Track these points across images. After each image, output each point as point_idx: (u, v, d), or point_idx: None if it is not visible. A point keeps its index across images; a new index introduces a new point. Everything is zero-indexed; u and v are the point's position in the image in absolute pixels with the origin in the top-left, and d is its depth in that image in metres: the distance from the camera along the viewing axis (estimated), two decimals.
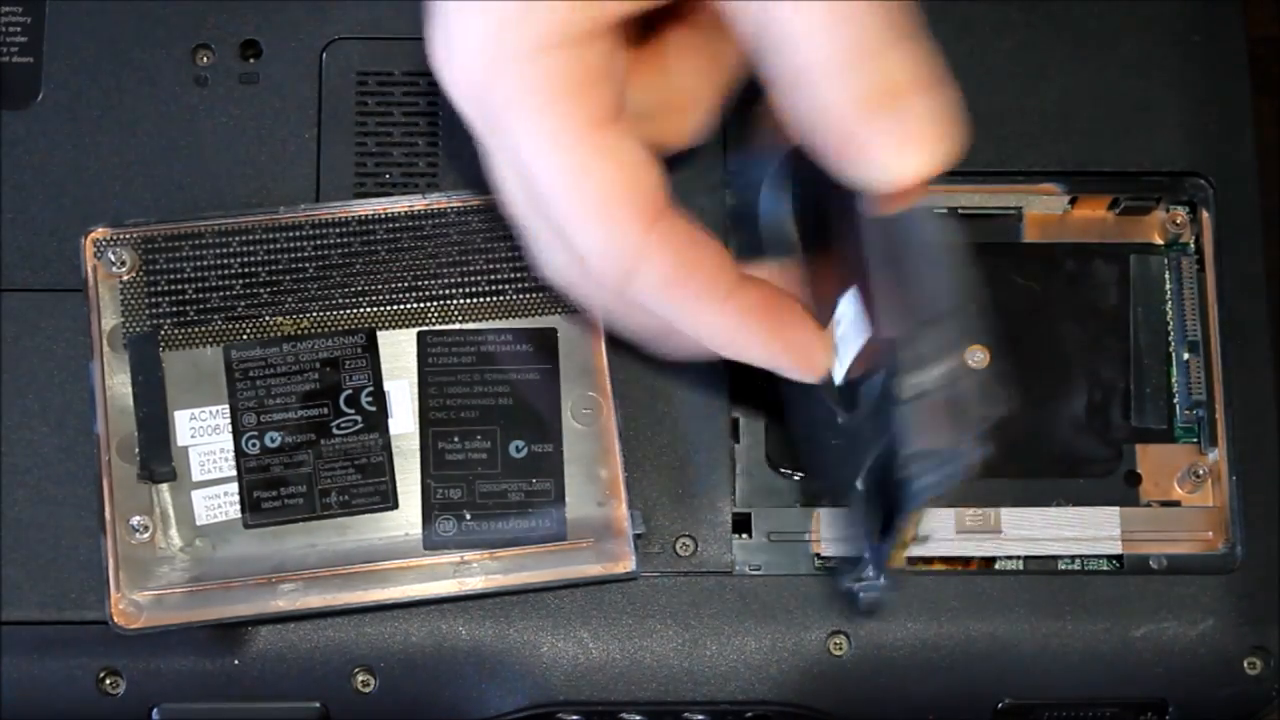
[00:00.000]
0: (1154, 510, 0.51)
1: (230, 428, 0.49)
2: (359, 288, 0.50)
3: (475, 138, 0.42)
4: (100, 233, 0.50)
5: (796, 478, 0.52)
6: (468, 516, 0.49)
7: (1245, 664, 0.50)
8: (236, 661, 0.49)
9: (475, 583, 0.49)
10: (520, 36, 0.38)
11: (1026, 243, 0.53)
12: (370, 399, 0.50)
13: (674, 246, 0.40)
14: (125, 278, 0.50)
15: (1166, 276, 0.53)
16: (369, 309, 0.50)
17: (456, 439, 0.50)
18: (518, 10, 0.38)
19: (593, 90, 0.39)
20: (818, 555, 0.50)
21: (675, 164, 0.43)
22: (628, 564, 0.49)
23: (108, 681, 0.50)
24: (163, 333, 0.50)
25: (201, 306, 0.50)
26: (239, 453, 0.49)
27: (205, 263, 0.50)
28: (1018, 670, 0.50)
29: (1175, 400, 0.52)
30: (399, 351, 0.50)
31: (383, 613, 0.50)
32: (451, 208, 0.51)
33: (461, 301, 0.50)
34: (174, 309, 0.50)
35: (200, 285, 0.50)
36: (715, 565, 0.50)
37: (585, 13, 0.38)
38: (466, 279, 0.50)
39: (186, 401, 0.50)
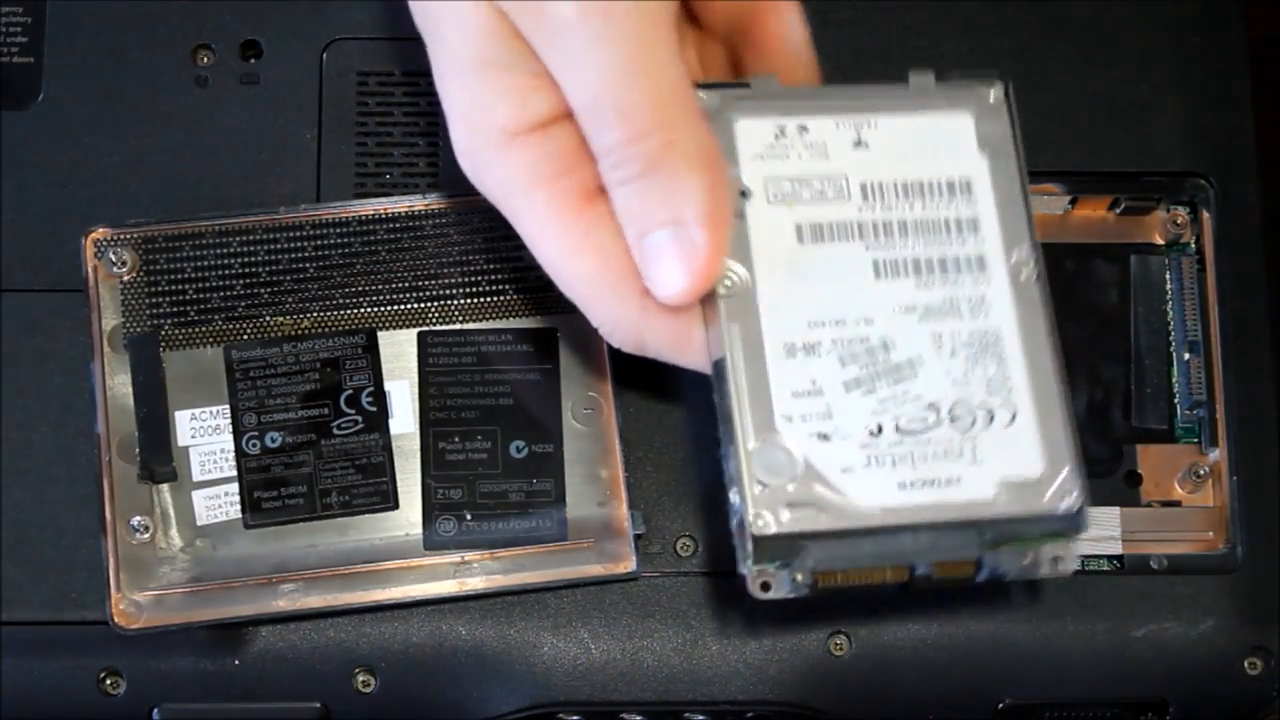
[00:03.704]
0: (1154, 510, 0.51)
1: (231, 428, 0.49)
2: (359, 288, 0.50)
3: None
4: (100, 233, 0.50)
5: None
6: (468, 517, 0.49)
7: (1245, 664, 0.50)
8: (237, 661, 0.49)
9: (476, 583, 0.49)
10: (488, 128, 0.41)
11: None
12: (371, 399, 0.50)
13: (670, 328, 0.42)
14: (126, 278, 0.50)
15: (1167, 276, 0.53)
16: (369, 309, 0.50)
17: (457, 439, 0.50)
18: (481, 105, 0.41)
19: (567, 172, 0.41)
20: None
21: None
22: (628, 564, 0.49)
23: (108, 682, 0.50)
24: (163, 333, 0.50)
25: (202, 306, 0.50)
26: (239, 453, 0.49)
27: (205, 263, 0.50)
28: (1018, 670, 0.50)
29: (1175, 400, 0.52)
30: (399, 351, 0.50)
31: (383, 613, 0.50)
32: (452, 208, 0.51)
33: (462, 301, 0.50)
34: (174, 309, 0.50)
35: (200, 285, 0.50)
36: (715, 565, 0.50)
37: (541, 98, 0.40)
38: (467, 279, 0.50)
39: (187, 401, 0.50)
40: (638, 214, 0.40)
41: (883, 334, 0.41)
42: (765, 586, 0.40)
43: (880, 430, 0.41)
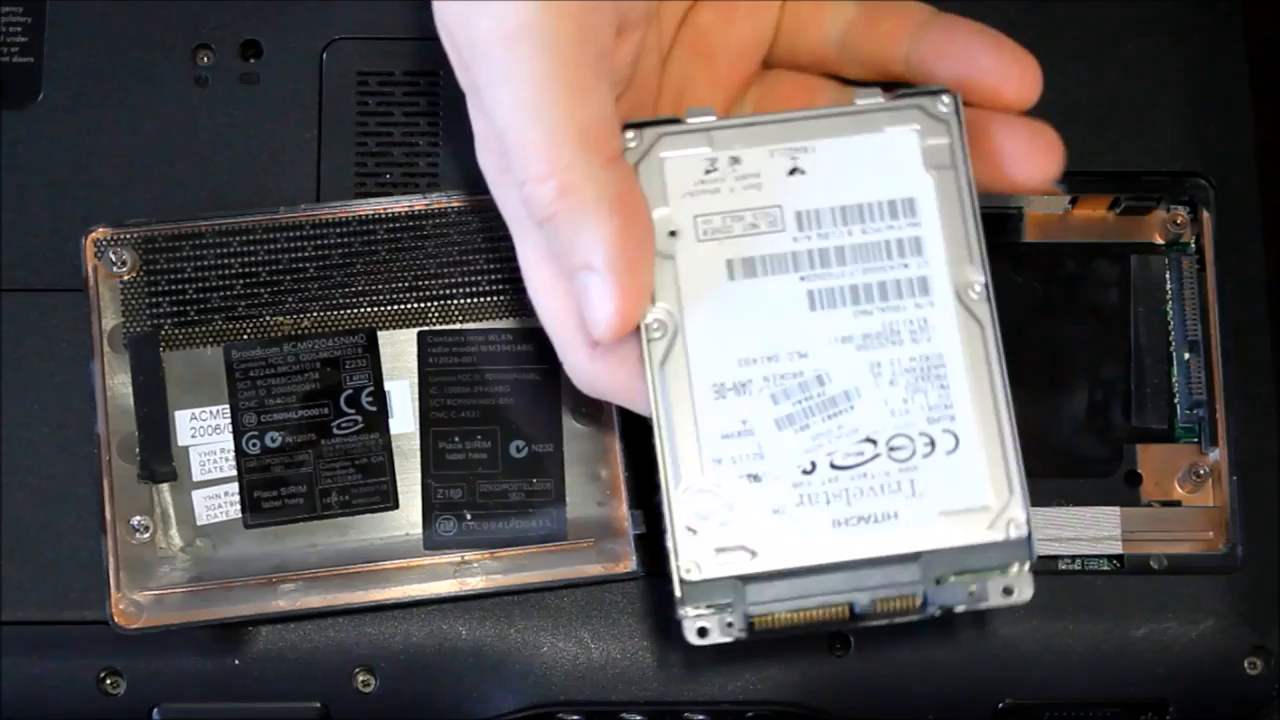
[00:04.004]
0: (1154, 510, 0.51)
1: (231, 427, 0.49)
2: (359, 288, 0.50)
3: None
4: (101, 233, 0.50)
5: None
6: (468, 516, 0.49)
7: (1245, 664, 0.50)
8: (237, 661, 0.49)
9: (475, 583, 0.49)
10: (487, 151, 0.42)
11: (1027, 242, 0.53)
12: (371, 399, 0.50)
13: (618, 373, 0.42)
14: (126, 277, 0.50)
15: (1167, 276, 0.53)
16: (369, 309, 0.50)
17: (457, 439, 0.50)
18: (479, 130, 0.42)
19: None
20: None
21: None
22: (628, 564, 0.49)
23: (108, 681, 0.50)
24: (163, 332, 0.50)
25: (202, 306, 0.50)
26: (239, 452, 0.49)
27: (206, 263, 0.50)
28: (1018, 670, 0.50)
29: (1176, 400, 0.52)
30: (399, 351, 0.50)
31: (383, 613, 0.50)
32: (452, 208, 0.51)
33: (462, 301, 0.50)
34: (174, 309, 0.50)
35: (201, 285, 0.50)
36: None
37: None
38: (467, 279, 0.50)
39: (187, 401, 0.50)
40: (558, 255, 0.40)
41: (817, 367, 0.41)
42: (702, 632, 0.40)
43: (814, 467, 0.40)
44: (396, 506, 0.49)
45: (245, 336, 0.50)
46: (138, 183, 0.52)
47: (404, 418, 0.50)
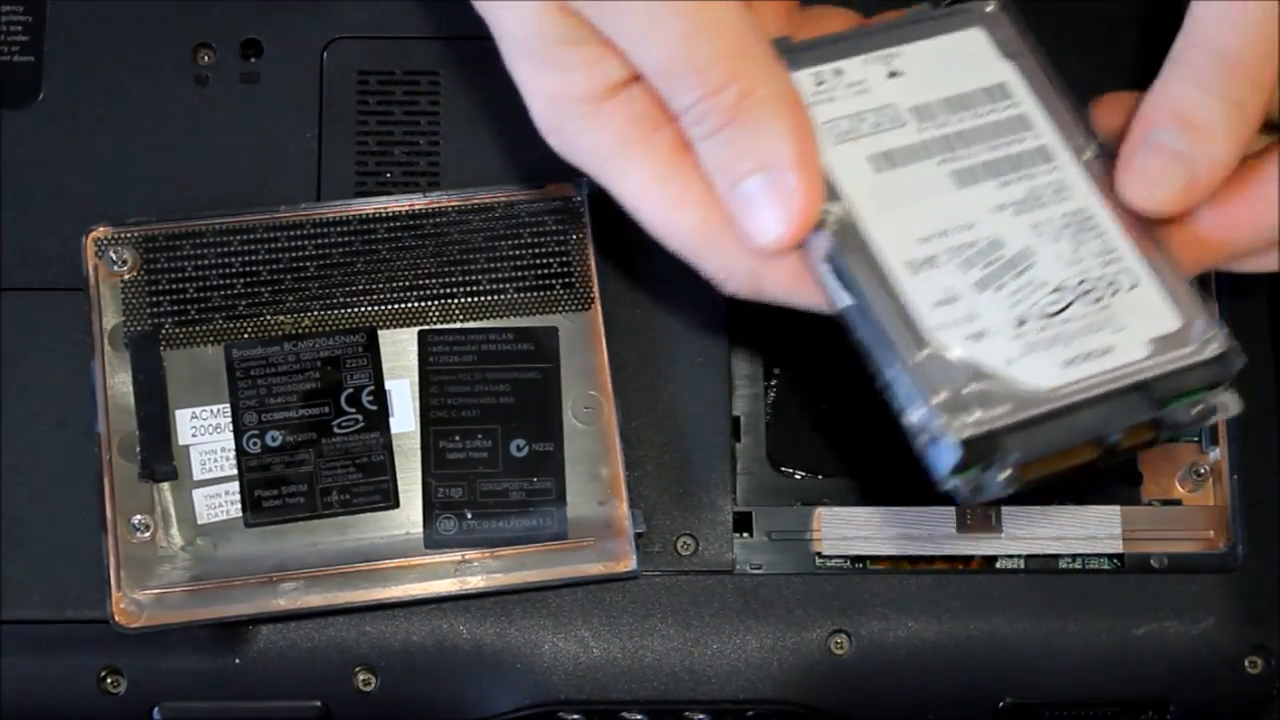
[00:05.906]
0: (1155, 509, 0.51)
1: (231, 426, 0.49)
2: (360, 287, 0.50)
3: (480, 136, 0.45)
4: (101, 232, 0.50)
5: (798, 476, 0.52)
6: (469, 515, 0.49)
7: (1246, 663, 0.50)
8: (237, 660, 0.49)
9: (476, 581, 0.49)
10: (570, 100, 0.41)
11: None
12: (371, 398, 0.50)
13: (786, 273, 0.42)
14: (126, 277, 0.50)
15: None
16: (370, 308, 0.50)
17: (457, 438, 0.50)
18: (557, 80, 0.41)
19: (655, 129, 0.41)
20: (819, 554, 0.51)
21: None
22: (628, 563, 0.49)
23: (109, 680, 0.50)
24: (164, 331, 0.50)
25: (202, 305, 0.50)
26: (240, 451, 0.49)
27: (206, 262, 0.50)
28: (1018, 670, 0.50)
29: None
30: (400, 350, 0.50)
31: (383, 612, 0.50)
32: (452, 207, 0.51)
33: (462, 300, 0.50)
34: (175, 308, 0.50)
35: (201, 284, 0.50)
36: (716, 564, 0.50)
37: (614, 63, 0.40)
38: (467, 278, 0.50)
39: (188, 400, 0.50)
40: (726, 164, 0.40)
41: (988, 234, 0.42)
42: (976, 490, 0.41)
43: (1024, 320, 0.41)
44: (397, 505, 0.49)
45: (246, 335, 0.50)
46: (138, 182, 0.52)
47: (404, 417, 0.50)
